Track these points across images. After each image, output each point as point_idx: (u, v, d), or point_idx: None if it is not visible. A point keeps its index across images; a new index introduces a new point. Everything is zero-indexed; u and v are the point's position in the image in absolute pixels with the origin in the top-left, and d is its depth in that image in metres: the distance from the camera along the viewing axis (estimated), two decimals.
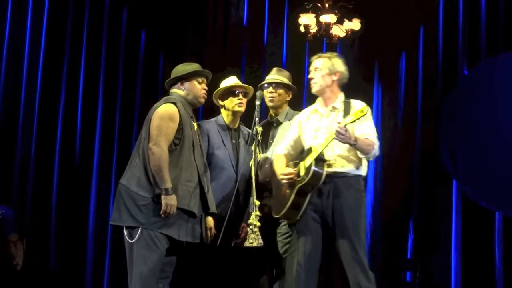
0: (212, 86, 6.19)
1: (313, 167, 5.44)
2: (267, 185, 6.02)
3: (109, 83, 9.57)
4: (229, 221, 5.92)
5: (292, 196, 5.54)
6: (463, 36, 8.97)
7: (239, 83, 6.34)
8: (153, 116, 5.59)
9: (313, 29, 9.03)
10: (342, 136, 5.28)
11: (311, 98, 9.03)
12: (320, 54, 5.84)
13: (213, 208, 5.75)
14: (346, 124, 5.29)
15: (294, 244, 5.81)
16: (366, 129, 5.53)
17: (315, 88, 5.76)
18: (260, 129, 6.05)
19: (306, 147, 5.68)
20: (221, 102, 6.36)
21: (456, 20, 9.04)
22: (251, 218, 5.76)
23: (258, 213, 5.77)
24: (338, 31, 9.05)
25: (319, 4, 9.03)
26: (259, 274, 6.12)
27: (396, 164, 8.86)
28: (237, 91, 6.27)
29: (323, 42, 9.36)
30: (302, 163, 5.58)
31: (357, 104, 5.64)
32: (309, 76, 5.80)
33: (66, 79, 9.42)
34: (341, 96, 5.75)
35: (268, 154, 6.15)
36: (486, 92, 8.62)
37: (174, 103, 5.64)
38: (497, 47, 8.72)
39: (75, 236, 9.21)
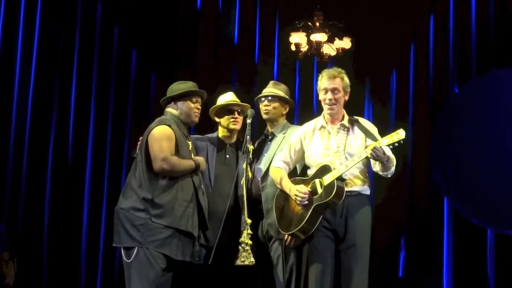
0: (207, 102, 6.19)
1: (336, 186, 5.41)
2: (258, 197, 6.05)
3: (101, 102, 9.55)
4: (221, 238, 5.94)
5: (309, 214, 5.49)
6: (454, 54, 9.01)
7: (235, 100, 6.30)
8: (150, 140, 5.62)
9: (304, 47, 9.05)
10: (378, 155, 5.31)
11: (303, 116, 9.12)
12: (334, 73, 5.70)
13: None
14: (381, 146, 5.30)
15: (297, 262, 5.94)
16: (386, 147, 5.48)
17: (333, 110, 5.67)
18: (251, 147, 6.04)
19: (314, 164, 5.67)
20: (217, 119, 6.35)
21: (447, 38, 9.08)
22: (242, 236, 5.75)
23: (249, 231, 5.76)
24: (329, 50, 9.08)
25: (309, 23, 9.06)
26: None
27: (387, 182, 8.86)
28: (233, 108, 6.26)
29: (314, 60, 9.39)
30: (318, 181, 5.54)
31: (368, 123, 5.72)
32: (329, 97, 5.62)
33: (58, 98, 9.39)
34: (345, 113, 5.74)
35: (261, 166, 6.15)
36: (477, 110, 8.63)
37: (169, 125, 5.67)
38: (488, 65, 8.74)
39: (68, 255, 9.16)
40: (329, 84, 5.65)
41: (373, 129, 5.69)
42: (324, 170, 5.52)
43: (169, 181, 5.60)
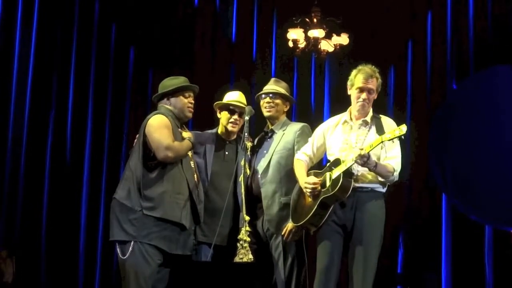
0: (208, 98, 6.21)
1: (341, 180, 5.41)
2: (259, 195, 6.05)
3: (99, 99, 9.54)
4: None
5: (315, 207, 5.51)
6: (451, 51, 9.00)
7: (239, 100, 6.29)
8: (149, 130, 5.61)
9: (302, 44, 9.05)
10: (363, 162, 5.29)
11: (301, 112, 9.12)
12: (371, 73, 5.68)
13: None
14: (383, 141, 5.25)
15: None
16: (393, 152, 5.54)
17: (364, 109, 5.70)
18: (249, 144, 6.04)
19: (332, 158, 5.67)
20: (218, 115, 6.35)
21: (444, 35, 9.07)
22: (241, 233, 5.75)
23: (248, 228, 5.76)
24: (327, 46, 9.08)
25: (307, 19, 9.06)
26: None
27: None
28: (234, 109, 6.24)
29: (311, 57, 9.39)
30: (328, 174, 5.56)
31: (389, 121, 5.72)
32: (364, 97, 5.65)
33: (56, 95, 9.37)
34: (370, 110, 5.75)
35: (261, 163, 6.14)
36: (475, 106, 8.63)
37: (165, 115, 5.67)
38: (486, 61, 8.73)
39: (66, 252, 9.15)
40: (365, 84, 5.65)
41: (391, 128, 5.61)
42: (335, 163, 5.54)
43: (160, 174, 5.59)
